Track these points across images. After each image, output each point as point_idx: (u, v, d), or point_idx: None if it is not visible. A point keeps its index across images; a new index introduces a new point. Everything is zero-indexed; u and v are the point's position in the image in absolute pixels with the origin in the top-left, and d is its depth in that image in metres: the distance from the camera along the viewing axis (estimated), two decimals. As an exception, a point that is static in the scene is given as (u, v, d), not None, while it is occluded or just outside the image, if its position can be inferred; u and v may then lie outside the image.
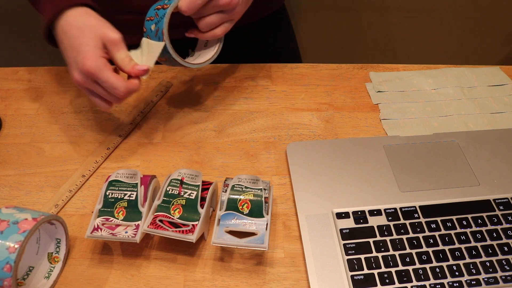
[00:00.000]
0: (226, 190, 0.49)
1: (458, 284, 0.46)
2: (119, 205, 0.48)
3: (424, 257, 0.48)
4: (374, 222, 0.51)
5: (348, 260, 0.48)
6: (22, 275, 0.47)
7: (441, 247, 0.49)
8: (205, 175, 0.57)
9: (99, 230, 0.47)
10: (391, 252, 0.48)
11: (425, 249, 0.49)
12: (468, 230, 0.50)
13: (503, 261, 0.48)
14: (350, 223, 0.51)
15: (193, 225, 0.47)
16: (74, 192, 0.56)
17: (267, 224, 0.48)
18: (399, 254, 0.48)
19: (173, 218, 0.47)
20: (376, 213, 0.52)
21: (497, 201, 0.53)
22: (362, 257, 0.48)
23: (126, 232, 0.47)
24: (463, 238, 0.50)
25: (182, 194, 0.49)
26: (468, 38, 1.39)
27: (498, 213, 0.52)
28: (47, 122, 0.64)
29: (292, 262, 0.49)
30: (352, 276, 0.46)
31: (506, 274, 0.47)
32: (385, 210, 0.52)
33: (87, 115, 0.65)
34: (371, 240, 0.49)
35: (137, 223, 0.48)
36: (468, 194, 0.54)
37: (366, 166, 0.57)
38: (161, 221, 0.48)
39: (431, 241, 0.49)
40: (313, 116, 0.65)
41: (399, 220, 0.51)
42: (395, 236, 0.50)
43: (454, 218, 0.51)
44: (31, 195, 0.56)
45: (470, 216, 0.51)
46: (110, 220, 0.48)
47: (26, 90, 0.69)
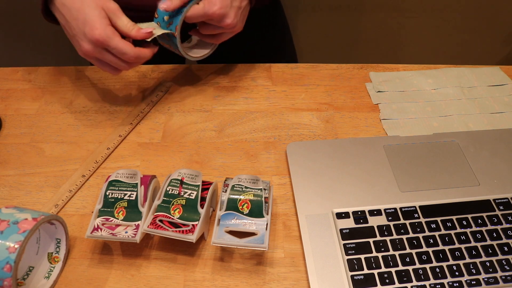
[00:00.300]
0: (226, 190, 0.49)
1: (458, 284, 0.46)
2: (119, 205, 0.48)
3: (424, 257, 0.48)
4: (374, 222, 0.51)
5: (348, 260, 0.48)
6: (22, 275, 0.47)
7: (441, 247, 0.49)
8: (205, 175, 0.57)
9: (99, 230, 0.47)
10: (391, 252, 0.48)
11: (425, 249, 0.49)
12: (468, 230, 0.50)
13: (503, 261, 0.48)
14: (350, 223, 0.51)
15: (193, 225, 0.47)
16: (74, 192, 0.56)
17: (267, 224, 0.48)
18: (399, 254, 0.48)
19: (173, 218, 0.47)
20: (376, 213, 0.52)
21: (497, 201, 0.53)
22: (362, 257, 0.48)
23: (126, 232, 0.47)
24: (463, 238, 0.50)
25: (182, 194, 0.49)
26: (468, 38, 1.39)
27: (498, 213, 0.52)
28: (47, 122, 0.64)
29: (292, 262, 0.49)
30: (352, 276, 0.46)
31: (506, 274, 0.47)
32: (385, 210, 0.52)
33: (87, 115, 0.65)
34: (371, 240, 0.49)
35: (137, 223, 0.48)
36: (468, 194, 0.54)
37: (366, 166, 0.57)
38: (161, 221, 0.48)
39: (431, 241, 0.49)
40: (313, 116, 0.65)
41: (399, 220, 0.51)
42: (395, 236, 0.50)
43: (454, 218, 0.51)
44: (31, 195, 0.56)
45: (470, 216, 0.51)
46: (110, 220, 0.48)
47: (26, 90, 0.69)
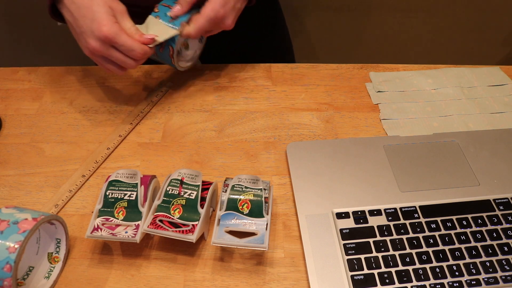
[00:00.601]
0: (226, 190, 0.49)
1: (458, 284, 0.46)
2: (119, 205, 0.48)
3: (424, 257, 0.48)
4: (374, 222, 0.51)
5: (348, 260, 0.48)
6: (22, 275, 0.47)
7: (441, 247, 0.49)
8: (205, 175, 0.57)
9: (99, 230, 0.47)
10: (391, 252, 0.48)
11: (425, 249, 0.49)
12: (468, 230, 0.50)
13: (503, 261, 0.48)
14: (350, 223, 0.51)
15: (193, 225, 0.47)
16: (74, 192, 0.56)
17: (267, 224, 0.48)
18: (399, 254, 0.48)
19: (173, 218, 0.47)
20: (376, 213, 0.52)
21: (497, 201, 0.53)
22: (362, 257, 0.48)
23: (126, 232, 0.47)
24: (463, 238, 0.50)
25: (182, 194, 0.49)
26: (468, 38, 1.39)
27: (498, 213, 0.52)
28: (47, 122, 0.64)
29: (292, 262, 0.49)
30: (352, 276, 0.46)
31: (506, 274, 0.47)
32: (385, 210, 0.52)
33: (87, 115, 0.65)
34: (371, 240, 0.49)
35: (137, 223, 0.48)
36: (468, 194, 0.54)
37: (366, 166, 0.57)
38: (161, 221, 0.48)
39: (431, 241, 0.49)
40: (313, 116, 0.65)
41: (399, 220, 0.51)
42: (395, 236, 0.50)
43: (454, 218, 0.51)
44: (31, 195, 0.56)
45: (470, 216, 0.51)
46: (110, 220, 0.48)
47: (26, 90, 0.69)
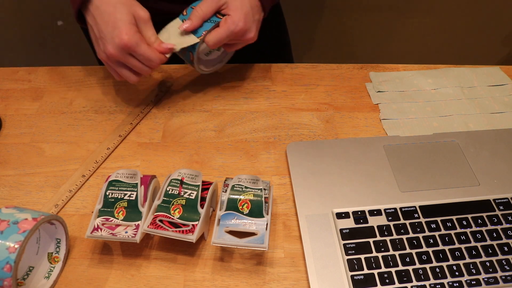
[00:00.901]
0: (226, 190, 0.49)
1: (458, 284, 0.46)
2: (119, 205, 0.48)
3: (424, 257, 0.48)
4: (374, 222, 0.51)
5: (348, 260, 0.48)
6: (22, 275, 0.47)
7: (441, 247, 0.49)
8: (205, 175, 0.57)
9: (99, 230, 0.47)
10: (391, 252, 0.48)
11: (425, 249, 0.49)
12: (468, 230, 0.50)
13: (503, 261, 0.48)
14: (350, 223, 0.51)
15: (193, 225, 0.47)
16: (74, 192, 0.56)
17: (267, 224, 0.48)
18: (399, 254, 0.48)
19: (173, 218, 0.47)
20: (376, 213, 0.52)
21: (497, 201, 0.53)
22: (362, 257, 0.48)
23: (126, 232, 0.47)
24: (463, 238, 0.50)
25: (182, 194, 0.49)
26: (468, 38, 1.39)
27: (498, 213, 0.52)
28: (47, 122, 0.64)
29: (292, 262, 0.49)
30: (352, 276, 0.46)
31: (506, 274, 0.47)
32: (385, 210, 0.52)
33: (87, 115, 0.65)
34: (371, 240, 0.49)
35: (137, 223, 0.48)
36: (468, 194, 0.54)
37: (366, 166, 0.57)
38: (161, 221, 0.48)
39: (431, 241, 0.49)
40: (313, 116, 0.65)
41: (399, 220, 0.51)
42: (395, 236, 0.50)
43: (454, 218, 0.51)
44: (31, 195, 0.56)
45: (470, 216, 0.51)
46: (110, 220, 0.48)
47: (26, 90, 0.69)
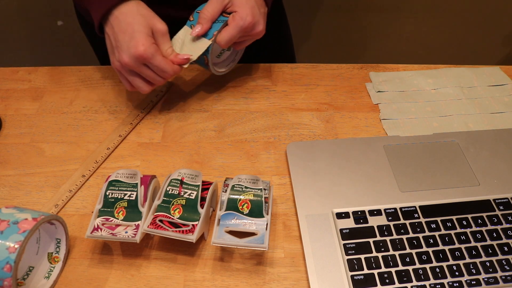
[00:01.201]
0: (226, 190, 0.49)
1: (458, 284, 0.46)
2: (119, 205, 0.48)
3: (424, 257, 0.48)
4: (374, 222, 0.51)
5: (348, 260, 0.48)
6: (22, 275, 0.47)
7: (441, 247, 0.49)
8: (205, 175, 0.57)
9: (99, 230, 0.47)
10: (391, 252, 0.48)
11: (425, 249, 0.49)
12: (468, 230, 0.50)
13: (503, 261, 0.48)
14: (350, 223, 0.51)
15: (193, 225, 0.47)
16: (74, 192, 0.56)
17: (267, 224, 0.48)
18: (399, 254, 0.48)
19: (173, 218, 0.47)
20: (376, 213, 0.52)
21: (497, 201, 0.53)
22: (362, 257, 0.48)
23: (126, 232, 0.47)
24: (463, 238, 0.50)
25: (182, 194, 0.49)
26: (468, 38, 1.39)
27: (498, 213, 0.52)
28: (47, 122, 0.64)
29: (292, 262, 0.49)
30: (352, 276, 0.46)
31: (506, 274, 0.47)
32: (385, 210, 0.52)
33: (87, 115, 0.65)
34: (371, 240, 0.49)
35: (137, 223, 0.48)
36: (468, 194, 0.54)
37: (366, 166, 0.57)
38: (161, 221, 0.48)
39: (431, 241, 0.49)
40: (313, 116, 0.65)
41: (399, 220, 0.51)
42: (395, 236, 0.50)
43: (454, 218, 0.51)
44: (31, 195, 0.56)
45: (470, 216, 0.51)
46: (110, 220, 0.48)
47: (26, 90, 0.69)
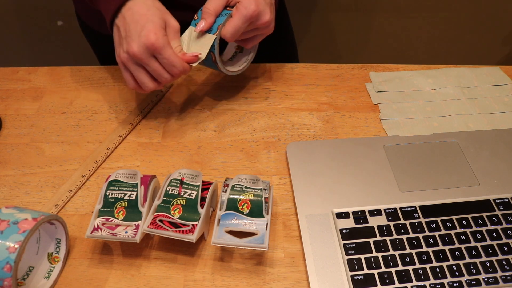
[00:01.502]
0: (226, 190, 0.49)
1: (458, 284, 0.46)
2: (119, 205, 0.48)
3: (424, 257, 0.48)
4: (374, 222, 0.51)
5: (348, 260, 0.48)
6: (22, 275, 0.47)
7: (441, 247, 0.49)
8: (205, 175, 0.57)
9: (99, 230, 0.47)
10: (391, 252, 0.48)
11: (425, 249, 0.49)
12: (468, 230, 0.50)
13: (503, 261, 0.48)
14: (350, 223, 0.51)
15: (193, 225, 0.47)
16: (74, 192, 0.56)
17: (267, 224, 0.48)
18: (399, 254, 0.48)
19: (173, 218, 0.47)
20: (376, 213, 0.52)
21: (497, 201, 0.53)
22: (362, 257, 0.48)
23: (126, 232, 0.47)
24: (463, 238, 0.50)
25: (182, 194, 0.49)
26: (468, 38, 1.39)
27: (498, 213, 0.52)
28: (47, 122, 0.64)
29: (292, 262, 0.49)
30: (352, 276, 0.46)
31: (506, 274, 0.47)
32: (385, 210, 0.52)
33: (87, 115, 0.65)
34: (371, 240, 0.49)
35: (137, 223, 0.48)
36: (468, 194, 0.54)
37: (366, 166, 0.57)
38: (161, 221, 0.48)
39: (431, 241, 0.49)
40: (313, 116, 0.65)
41: (399, 220, 0.51)
42: (395, 236, 0.50)
43: (454, 218, 0.51)
44: (31, 195, 0.56)
45: (470, 216, 0.51)
46: (110, 220, 0.48)
47: (26, 90, 0.69)
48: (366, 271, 0.47)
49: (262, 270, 0.49)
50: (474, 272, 0.47)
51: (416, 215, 0.51)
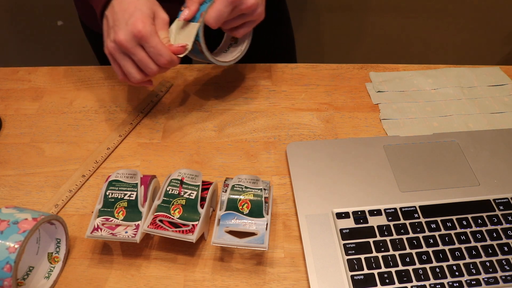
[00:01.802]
0: (226, 190, 0.49)
1: (458, 284, 0.46)
2: (119, 205, 0.48)
3: (424, 257, 0.48)
4: (374, 222, 0.51)
5: (348, 260, 0.48)
6: (22, 275, 0.47)
7: (441, 247, 0.49)
8: (205, 175, 0.57)
9: (99, 230, 0.47)
10: (391, 252, 0.48)
11: (425, 249, 0.49)
12: (468, 230, 0.50)
13: (503, 261, 0.48)
14: (350, 223, 0.51)
15: (193, 225, 0.47)
16: (74, 192, 0.56)
17: (267, 224, 0.48)
18: (399, 254, 0.48)
19: (173, 218, 0.47)
20: (376, 213, 0.52)
21: (497, 201, 0.53)
22: (362, 257, 0.48)
23: (126, 232, 0.47)
24: (463, 238, 0.50)
25: (182, 194, 0.49)
26: (468, 38, 1.39)
27: (498, 213, 0.52)
28: (47, 122, 0.64)
29: (292, 262, 0.49)
30: (352, 276, 0.46)
31: (506, 274, 0.47)
32: (385, 210, 0.52)
33: (87, 115, 0.65)
34: (371, 240, 0.49)
35: (137, 223, 0.48)
36: (468, 194, 0.54)
37: (366, 166, 0.57)
38: (161, 221, 0.48)
39: (431, 241, 0.49)
40: (313, 116, 0.65)
41: (399, 220, 0.51)
42: (395, 236, 0.50)
43: (454, 218, 0.51)
44: (31, 195, 0.56)
45: (470, 216, 0.51)
46: (110, 220, 0.48)
47: (26, 90, 0.69)
48: (366, 271, 0.47)
49: (262, 270, 0.49)
50: (474, 272, 0.47)
51: (416, 215, 0.51)
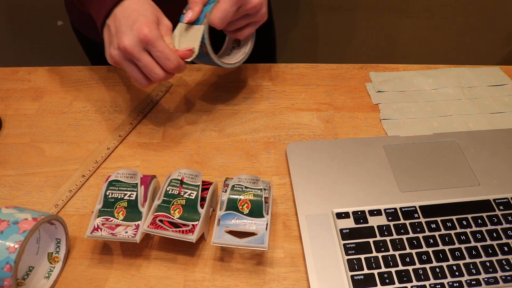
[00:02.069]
0: (226, 190, 0.49)
1: (458, 284, 0.46)
2: (119, 205, 0.48)
3: (424, 257, 0.48)
4: (374, 222, 0.51)
5: (348, 260, 0.48)
6: (22, 275, 0.47)
7: (441, 247, 0.49)
8: (205, 175, 0.57)
9: (99, 230, 0.47)
10: (391, 252, 0.48)
11: (425, 249, 0.49)
12: (468, 230, 0.50)
13: (503, 261, 0.48)
14: (350, 223, 0.51)
15: (193, 225, 0.47)
16: (74, 192, 0.56)
17: (267, 224, 0.48)
18: (399, 254, 0.48)
19: (173, 218, 0.47)
20: (376, 213, 0.52)
21: (497, 201, 0.53)
22: (362, 257, 0.48)
23: (126, 232, 0.47)
24: (463, 238, 0.50)
25: (182, 194, 0.49)
26: (468, 38, 1.39)
27: (498, 213, 0.52)
28: (47, 122, 0.64)
29: (292, 262, 0.49)
30: (352, 276, 0.46)
31: (506, 274, 0.47)
32: (385, 210, 0.52)
33: (87, 115, 0.65)
34: (371, 240, 0.49)
35: (137, 223, 0.48)
36: (468, 194, 0.54)
37: (366, 166, 0.57)
38: (161, 221, 0.48)
39: (431, 241, 0.49)
40: (313, 116, 0.65)
41: (399, 220, 0.51)
42: (395, 236, 0.50)
43: (454, 218, 0.51)
44: (31, 195, 0.56)
45: (470, 216, 0.51)
46: (110, 220, 0.48)
47: (26, 90, 0.69)
48: (366, 271, 0.47)
49: (262, 270, 0.49)
50: (474, 272, 0.47)
51: (416, 215, 0.51)
